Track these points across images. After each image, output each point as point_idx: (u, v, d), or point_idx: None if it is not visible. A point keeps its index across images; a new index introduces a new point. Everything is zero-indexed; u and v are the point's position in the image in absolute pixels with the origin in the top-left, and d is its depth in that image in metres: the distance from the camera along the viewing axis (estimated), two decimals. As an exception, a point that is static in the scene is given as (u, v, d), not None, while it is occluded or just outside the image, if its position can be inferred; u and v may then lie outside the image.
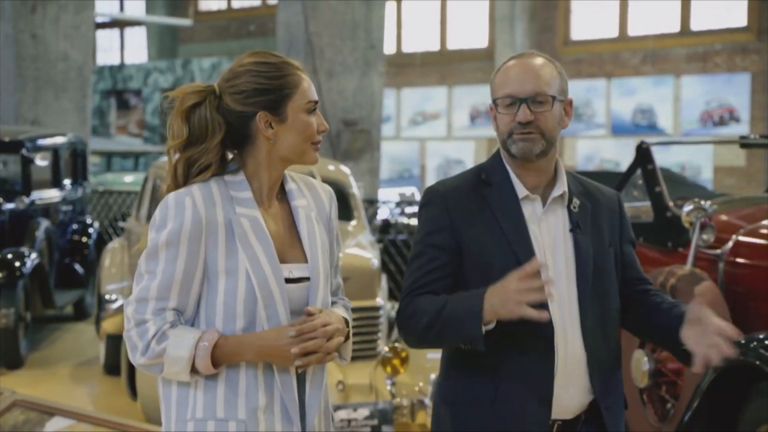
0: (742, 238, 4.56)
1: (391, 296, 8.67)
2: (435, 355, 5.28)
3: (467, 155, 18.27)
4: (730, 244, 4.56)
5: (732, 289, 4.50)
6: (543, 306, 2.31)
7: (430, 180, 18.56)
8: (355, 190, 6.84)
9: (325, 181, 6.68)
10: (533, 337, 2.36)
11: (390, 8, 19.05)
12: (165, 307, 2.17)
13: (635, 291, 2.55)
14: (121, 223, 8.95)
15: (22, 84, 11.07)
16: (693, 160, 15.47)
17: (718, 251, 4.56)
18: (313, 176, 6.52)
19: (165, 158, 7.78)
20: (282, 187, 2.34)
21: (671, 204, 4.89)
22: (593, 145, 16.56)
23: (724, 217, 4.84)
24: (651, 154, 5.01)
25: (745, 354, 3.84)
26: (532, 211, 2.45)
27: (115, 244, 7.93)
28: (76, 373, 7.54)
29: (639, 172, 5.21)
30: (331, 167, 6.98)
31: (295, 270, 2.25)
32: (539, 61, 2.46)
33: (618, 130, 16.49)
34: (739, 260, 4.50)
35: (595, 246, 2.46)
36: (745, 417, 3.90)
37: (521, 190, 2.45)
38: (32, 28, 11.05)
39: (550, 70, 2.44)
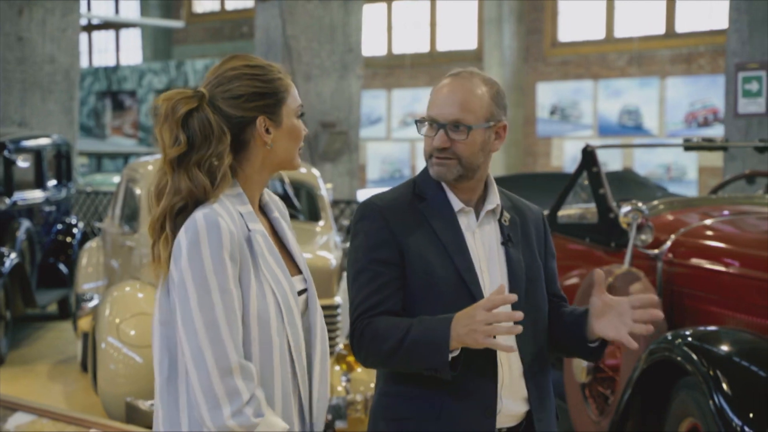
0: (679, 239, 4.69)
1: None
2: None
3: (457, 156, 18.39)
4: (668, 243, 4.68)
5: (670, 288, 4.62)
6: None
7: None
8: (324, 192, 6.99)
9: (294, 182, 6.93)
10: (476, 353, 2.34)
11: (380, 10, 19.22)
12: (240, 351, 2.03)
13: (552, 307, 2.57)
14: (97, 224, 9.08)
15: (8, 86, 11.18)
16: (678, 161, 15.59)
17: (656, 251, 4.69)
18: (282, 179, 6.76)
19: (140, 160, 7.81)
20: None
21: (614, 205, 5.03)
22: (580, 146, 16.61)
23: (669, 218, 4.98)
24: (596, 157, 5.16)
25: (670, 350, 3.98)
26: (467, 223, 2.47)
27: (92, 244, 8.05)
28: (55, 370, 7.68)
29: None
30: (303, 170, 7.12)
31: (296, 283, 2.20)
32: (472, 83, 2.43)
33: (605, 131, 16.60)
34: (677, 260, 4.62)
35: (527, 258, 2.49)
36: (671, 411, 4.03)
37: (456, 204, 2.47)
38: (18, 30, 11.16)
39: (480, 95, 2.42)
